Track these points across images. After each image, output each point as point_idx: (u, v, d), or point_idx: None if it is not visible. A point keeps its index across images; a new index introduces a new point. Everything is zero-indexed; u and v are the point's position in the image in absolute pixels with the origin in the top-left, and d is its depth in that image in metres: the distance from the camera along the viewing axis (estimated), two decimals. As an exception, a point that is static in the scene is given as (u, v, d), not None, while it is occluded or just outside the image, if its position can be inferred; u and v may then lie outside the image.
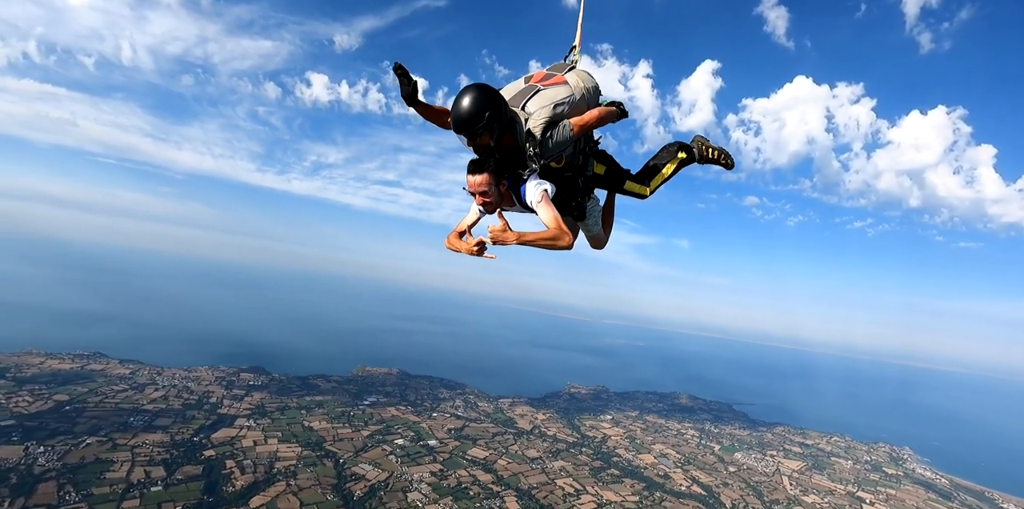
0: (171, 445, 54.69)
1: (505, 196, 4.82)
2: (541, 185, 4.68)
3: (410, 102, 4.65)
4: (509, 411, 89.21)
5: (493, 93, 4.44)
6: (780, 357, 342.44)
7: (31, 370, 70.06)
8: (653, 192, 5.85)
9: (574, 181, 5.34)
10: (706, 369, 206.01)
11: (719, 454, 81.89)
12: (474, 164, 4.56)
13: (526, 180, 4.73)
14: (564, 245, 4.49)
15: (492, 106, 4.34)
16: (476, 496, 55.08)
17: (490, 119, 4.34)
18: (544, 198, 4.62)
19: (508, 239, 4.33)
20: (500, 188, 4.67)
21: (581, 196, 5.52)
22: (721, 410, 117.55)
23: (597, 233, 6.27)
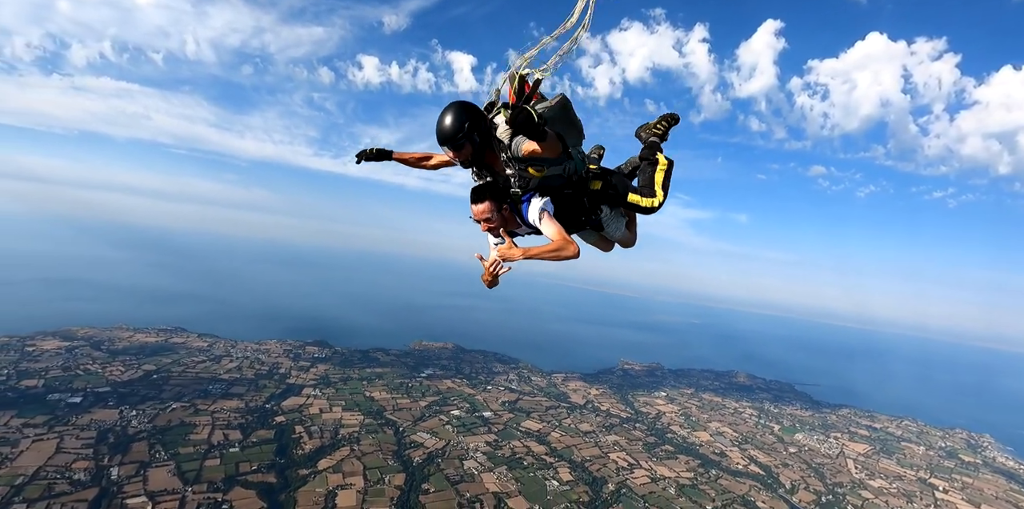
0: (246, 411, 58.69)
1: (509, 219, 5.14)
2: (539, 203, 5.01)
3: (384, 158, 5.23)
4: (562, 386, 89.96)
5: (472, 108, 4.85)
6: (847, 337, 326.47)
7: (122, 343, 76.55)
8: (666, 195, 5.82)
9: (578, 199, 5.58)
10: (765, 348, 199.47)
11: (779, 434, 79.75)
12: (474, 193, 4.94)
13: (525, 201, 5.07)
14: (569, 255, 4.75)
15: (471, 119, 4.75)
16: (530, 466, 56.29)
17: (469, 130, 4.72)
18: (545, 215, 4.96)
19: (515, 255, 4.80)
20: (503, 213, 5.00)
21: (590, 213, 5.76)
22: (781, 390, 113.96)
23: (621, 237, 6.43)
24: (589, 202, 5.70)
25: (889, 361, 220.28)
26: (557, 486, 52.85)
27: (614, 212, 6.01)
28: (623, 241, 6.60)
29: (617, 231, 6.20)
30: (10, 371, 59.70)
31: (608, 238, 6.38)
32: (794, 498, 58.22)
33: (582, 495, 51.79)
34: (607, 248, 6.74)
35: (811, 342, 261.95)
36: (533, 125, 4.33)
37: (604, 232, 6.13)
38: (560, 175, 5.37)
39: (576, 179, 5.57)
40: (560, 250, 4.73)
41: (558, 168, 5.33)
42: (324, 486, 45.93)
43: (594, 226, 6.01)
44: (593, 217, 5.83)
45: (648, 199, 5.77)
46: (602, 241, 6.55)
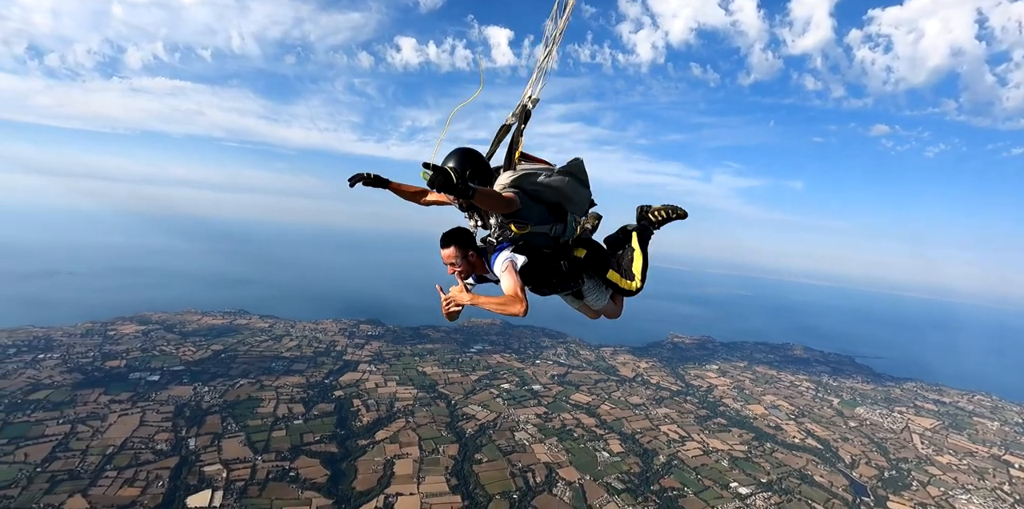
0: (307, 386, 61.80)
1: (478, 265, 5.33)
2: (508, 256, 5.11)
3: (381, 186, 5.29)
4: (611, 359, 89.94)
5: (474, 155, 5.15)
6: (913, 307, 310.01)
7: (191, 325, 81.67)
8: (643, 282, 5.93)
9: (557, 261, 5.61)
10: (822, 319, 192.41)
11: (838, 408, 77.25)
12: (443, 238, 5.19)
13: (497, 251, 5.20)
14: (514, 312, 4.80)
15: (472, 166, 5.05)
16: (580, 438, 57.00)
17: (469, 176, 4.92)
18: (509, 268, 5.02)
19: (462, 300, 5.00)
20: (470, 259, 5.22)
21: (567, 279, 5.75)
22: (841, 363, 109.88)
23: (603, 308, 6.39)
24: (569, 268, 5.71)
25: (961, 333, 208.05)
26: (607, 457, 53.41)
27: (597, 283, 6.02)
28: (606, 312, 6.51)
29: (598, 302, 6.17)
30: (96, 353, 64.92)
31: (591, 307, 6.33)
32: (854, 473, 56.62)
33: (633, 466, 52.18)
34: (591, 315, 6.68)
35: (873, 313, 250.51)
36: (452, 186, 4.24)
37: (584, 300, 6.17)
38: (546, 234, 5.46)
39: (562, 242, 5.64)
40: (506, 305, 4.80)
41: (544, 228, 5.42)
42: (382, 455, 48.14)
43: (574, 293, 6.12)
44: (572, 284, 5.86)
45: (627, 281, 5.92)
46: (585, 308, 6.48)
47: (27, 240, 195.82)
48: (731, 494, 49.01)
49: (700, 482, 50.60)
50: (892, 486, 54.29)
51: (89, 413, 50.14)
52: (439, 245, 5.22)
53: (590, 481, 48.49)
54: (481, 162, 5.22)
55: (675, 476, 51.32)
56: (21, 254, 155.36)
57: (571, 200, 5.50)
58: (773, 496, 49.50)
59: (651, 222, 6.24)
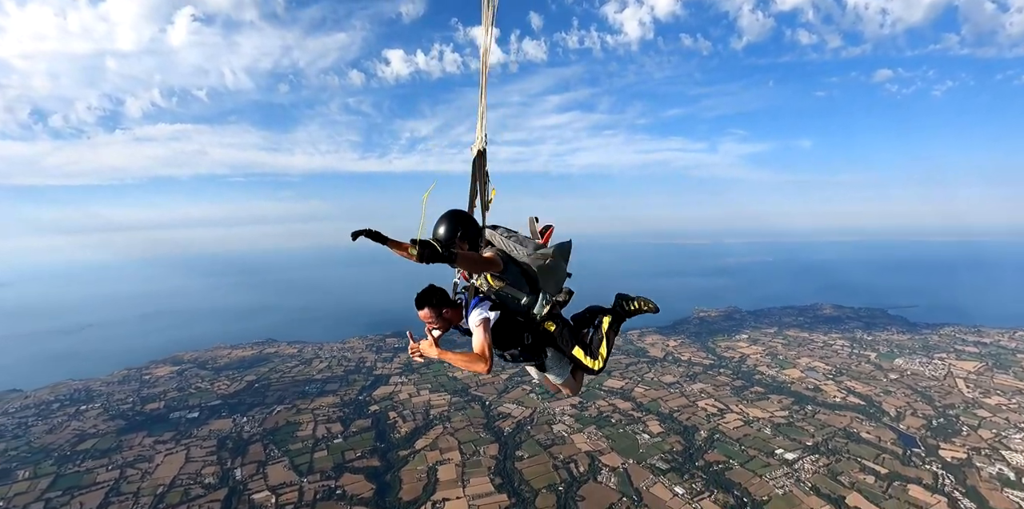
0: (342, 405, 62.53)
1: (453, 319, 5.60)
2: (483, 314, 5.34)
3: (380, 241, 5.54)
4: (639, 341, 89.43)
5: (465, 217, 5.53)
6: (941, 252, 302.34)
7: (223, 360, 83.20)
8: (605, 363, 6.09)
9: (522, 331, 5.82)
10: (848, 276, 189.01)
11: (876, 362, 75.89)
12: (417, 300, 5.49)
13: (473, 304, 5.47)
14: (478, 370, 5.07)
15: (463, 227, 5.45)
16: (618, 423, 56.88)
17: (461, 237, 5.40)
18: (482, 324, 5.27)
19: (430, 354, 5.42)
20: (445, 315, 5.50)
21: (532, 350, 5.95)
22: (873, 316, 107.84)
23: (562, 383, 6.53)
24: (534, 339, 5.94)
25: (993, 271, 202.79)
26: (648, 439, 53.22)
27: (560, 358, 6.13)
28: (565, 387, 6.58)
29: (559, 377, 6.29)
30: (134, 398, 66.46)
31: (553, 380, 6.45)
32: (901, 425, 55.63)
33: (675, 445, 51.91)
34: (552, 388, 6.80)
35: (900, 263, 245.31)
36: (438, 257, 4.80)
37: (546, 373, 6.29)
38: (518, 300, 5.76)
39: (532, 315, 5.90)
40: (471, 363, 5.09)
41: (519, 293, 5.75)
42: (424, 463, 48.55)
43: (537, 365, 6.29)
44: (535, 357, 6.06)
45: (590, 360, 6.05)
46: (546, 380, 6.59)
47: (55, 298, 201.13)
48: (778, 461, 48.49)
49: (745, 453, 50.15)
50: (942, 434, 53.23)
51: (136, 456, 51.35)
52: (415, 306, 5.53)
53: (633, 465, 48.35)
54: (470, 223, 5.56)
55: (719, 449, 50.93)
56: (51, 312, 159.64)
57: (548, 280, 5.86)
58: (821, 458, 48.88)
59: (626, 311, 6.52)
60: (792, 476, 45.90)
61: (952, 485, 44.46)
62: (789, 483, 44.81)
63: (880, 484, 44.57)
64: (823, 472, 46.57)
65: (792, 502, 42.28)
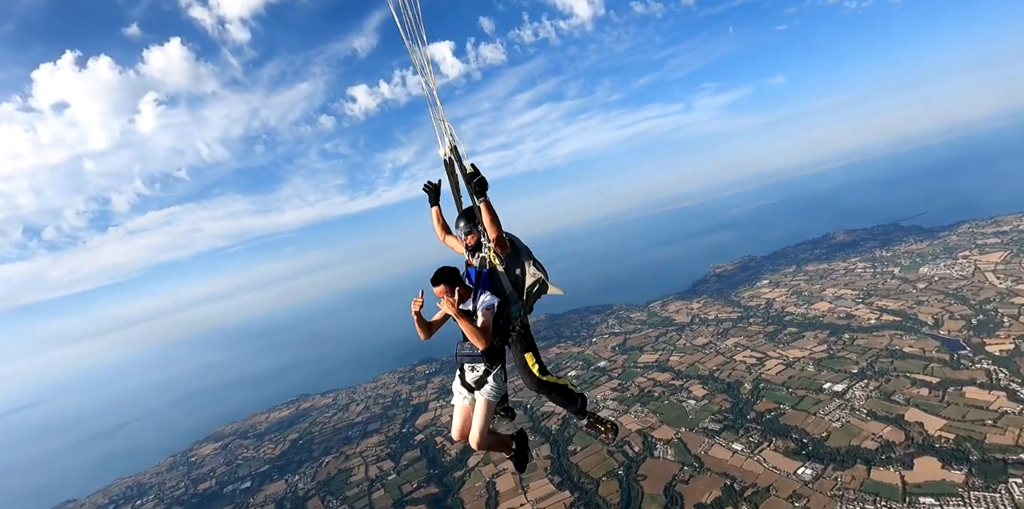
0: (388, 441, 62.12)
1: (464, 296, 5.78)
2: (492, 300, 5.70)
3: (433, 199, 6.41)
4: (662, 311, 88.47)
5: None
6: (939, 153, 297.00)
7: (262, 425, 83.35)
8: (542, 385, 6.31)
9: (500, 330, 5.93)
10: (854, 198, 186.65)
11: (901, 276, 74.32)
12: (434, 277, 5.70)
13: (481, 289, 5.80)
14: (477, 343, 5.44)
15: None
16: (662, 395, 55.99)
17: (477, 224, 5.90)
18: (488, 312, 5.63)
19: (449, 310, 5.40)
20: (458, 292, 5.67)
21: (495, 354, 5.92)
22: (887, 232, 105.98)
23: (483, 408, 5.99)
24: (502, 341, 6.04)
25: (995, 160, 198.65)
26: (694, 404, 52.31)
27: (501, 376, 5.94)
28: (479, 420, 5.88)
29: (486, 394, 5.85)
30: (186, 482, 66.50)
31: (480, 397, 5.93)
32: (941, 331, 54.29)
33: (722, 404, 50.97)
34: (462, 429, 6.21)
35: (901, 174, 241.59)
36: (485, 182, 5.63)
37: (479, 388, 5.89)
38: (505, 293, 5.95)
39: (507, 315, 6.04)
40: (475, 334, 5.38)
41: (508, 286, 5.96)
42: (480, 480, 47.99)
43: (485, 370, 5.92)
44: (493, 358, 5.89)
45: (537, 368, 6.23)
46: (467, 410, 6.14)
47: (89, 403, 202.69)
48: (828, 395, 47.41)
49: (793, 395, 49.11)
50: (984, 330, 51.82)
51: (201, 538, 51.26)
52: (431, 283, 5.73)
53: (686, 432, 47.52)
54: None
55: (767, 398, 49.94)
56: (88, 418, 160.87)
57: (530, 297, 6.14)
58: (870, 382, 47.75)
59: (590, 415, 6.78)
60: (845, 407, 44.84)
61: (1007, 378, 43.24)
62: (844, 414, 43.77)
63: (935, 394, 43.42)
64: (875, 395, 45.47)
65: (852, 432, 41.23)
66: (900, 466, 36.34)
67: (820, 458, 39.30)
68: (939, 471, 35.20)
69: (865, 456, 38.31)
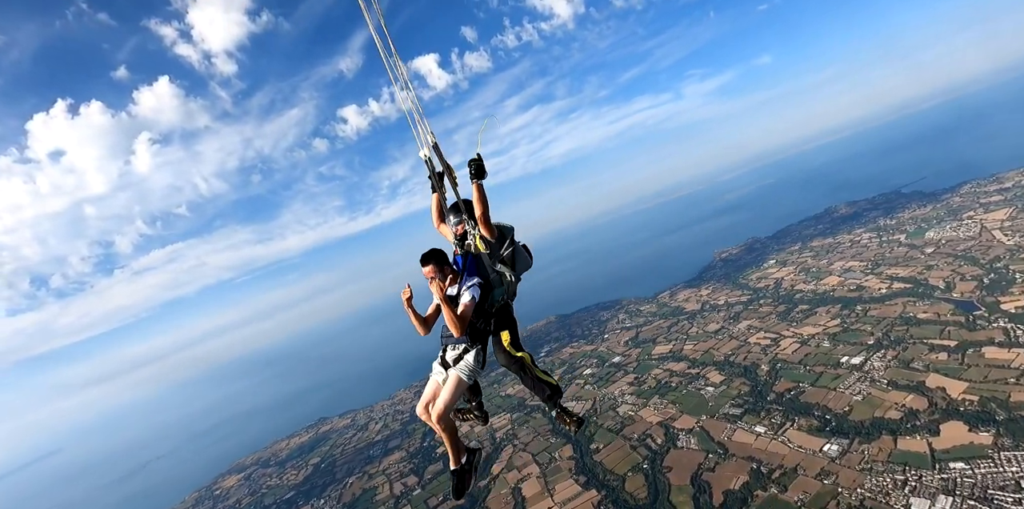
0: (410, 457, 61.72)
1: (451, 281, 5.97)
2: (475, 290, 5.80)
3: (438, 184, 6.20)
4: (672, 301, 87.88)
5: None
6: (932, 117, 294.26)
7: (283, 452, 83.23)
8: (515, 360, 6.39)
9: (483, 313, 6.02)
10: (851, 171, 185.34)
11: (908, 242, 73.53)
12: (423, 257, 5.84)
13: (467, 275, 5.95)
14: (453, 329, 5.54)
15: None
16: (679, 385, 55.36)
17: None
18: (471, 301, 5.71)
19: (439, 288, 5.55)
20: (445, 272, 5.86)
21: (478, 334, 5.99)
22: (889, 201, 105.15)
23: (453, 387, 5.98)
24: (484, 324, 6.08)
25: (990, 118, 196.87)
26: (713, 391, 51.65)
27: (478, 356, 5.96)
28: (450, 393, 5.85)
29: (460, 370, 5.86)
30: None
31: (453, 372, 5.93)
32: (954, 294, 53.45)
33: (740, 388, 50.29)
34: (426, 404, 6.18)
35: (896, 141, 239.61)
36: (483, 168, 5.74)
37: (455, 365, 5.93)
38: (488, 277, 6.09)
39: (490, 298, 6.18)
40: (453, 320, 5.50)
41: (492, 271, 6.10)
42: (506, 487, 47.48)
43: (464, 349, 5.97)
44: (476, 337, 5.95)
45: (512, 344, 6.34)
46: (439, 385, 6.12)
47: (110, 446, 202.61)
48: (846, 369, 46.67)
49: (811, 372, 48.40)
50: (997, 289, 50.90)
51: (233, 570, 50.90)
52: (420, 264, 5.88)
53: (707, 420, 46.88)
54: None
55: (785, 377, 49.24)
56: (110, 461, 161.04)
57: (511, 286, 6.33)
58: (887, 352, 46.98)
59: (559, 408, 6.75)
60: (865, 379, 44.09)
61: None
62: (865, 386, 43.01)
63: (954, 357, 42.61)
64: (894, 365, 44.70)
65: (874, 403, 40.50)
66: (927, 433, 35.63)
67: (845, 433, 38.61)
68: (966, 435, 34.46)
69: (890, 427, 37.60)
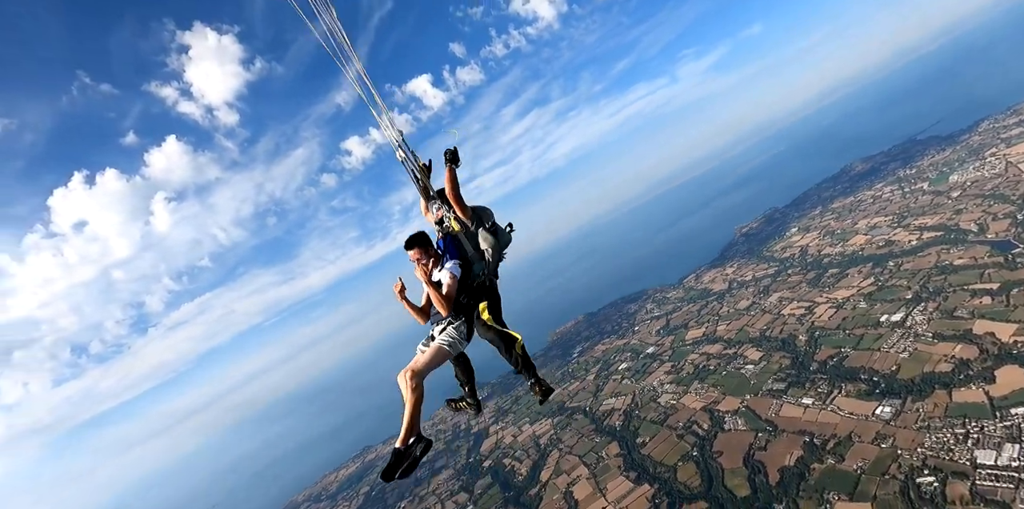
0: (457, 474, 61.26)
1: (435, 263, 6.26)
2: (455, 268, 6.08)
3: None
4: (698, 284, 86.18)
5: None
6: (936, 59, 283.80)
7: (334, 485, 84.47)
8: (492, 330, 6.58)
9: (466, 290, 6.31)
10: (861, 126, 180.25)
11: (932, 189, 70.78)
12: (407, 242, 6.21)
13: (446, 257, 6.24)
14: (440, 308, 5.89)
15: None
16: (718, 367, 53.85)
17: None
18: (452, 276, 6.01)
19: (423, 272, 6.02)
20: (430, 253, 6.21)
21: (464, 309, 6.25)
22: (905, 150, 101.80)
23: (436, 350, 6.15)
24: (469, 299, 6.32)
25: (993, 51, 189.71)
26: (753, 368, 50.12)
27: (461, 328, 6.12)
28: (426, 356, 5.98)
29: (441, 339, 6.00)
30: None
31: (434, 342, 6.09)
32: (988, 235, 51.06)
33: (781, 362, 48.68)
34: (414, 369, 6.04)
35: (901, 89, 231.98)
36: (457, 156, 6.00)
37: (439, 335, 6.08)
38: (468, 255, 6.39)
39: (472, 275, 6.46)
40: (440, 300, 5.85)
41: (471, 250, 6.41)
42: (557, 492, 46.70)
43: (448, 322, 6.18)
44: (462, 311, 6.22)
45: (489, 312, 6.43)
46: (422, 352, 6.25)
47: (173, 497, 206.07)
48: (887, 327, 44.80)
49: (851, 336, 46.61)
50: (1034, 222, 48.48)
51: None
52: (404, 248, 6.22)
53: (752, 399, 45.41)
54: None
55: (825, 345, 47.54)
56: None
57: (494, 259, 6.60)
58: (928, 304, 45.02)
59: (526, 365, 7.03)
60: (908, 335, 42.23)
61: (1072, 264, 40.07)
62: (909, 343, 41.19)
63: (999, 300, 40.53)
64: (937, 316, 42.77)
65: (922, 358, 38.68)
66: (982, 382, 33.79)
67: (896, 393, 36.90)
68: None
69: (942, 380, 35.82)
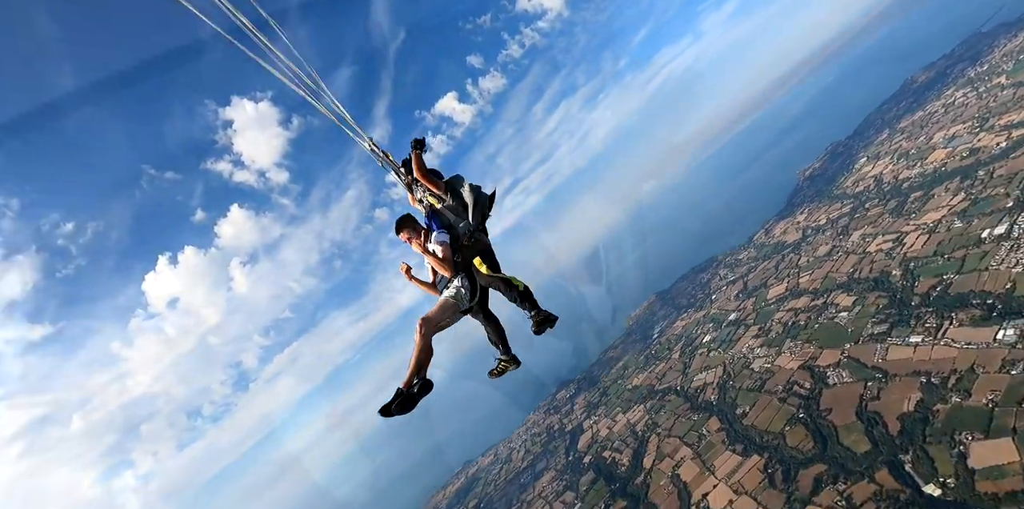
0: (560, 474, 61.36)
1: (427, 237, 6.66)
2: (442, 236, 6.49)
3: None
4: (768, 239, 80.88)
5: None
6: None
7: (443, 502, 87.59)
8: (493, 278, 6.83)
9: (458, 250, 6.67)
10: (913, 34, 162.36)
11: (1012, 82, 62.30)
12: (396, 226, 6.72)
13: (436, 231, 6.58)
14: (443, 271, 6.33)
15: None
16: (808, 322, 49.73)
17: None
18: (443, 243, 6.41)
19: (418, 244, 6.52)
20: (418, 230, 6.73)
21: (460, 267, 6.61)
22: (970, 47, 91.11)
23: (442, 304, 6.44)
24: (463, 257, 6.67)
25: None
26: (846, 316, 45.93)
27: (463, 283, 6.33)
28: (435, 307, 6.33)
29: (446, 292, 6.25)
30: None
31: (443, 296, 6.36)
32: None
33: (878, 303, 44.23)
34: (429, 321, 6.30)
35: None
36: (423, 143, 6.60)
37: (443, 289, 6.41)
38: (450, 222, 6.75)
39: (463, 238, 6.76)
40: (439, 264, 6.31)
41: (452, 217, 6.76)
42: (663, 477, 44.87)
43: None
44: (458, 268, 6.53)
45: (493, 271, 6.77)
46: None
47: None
48: (991, 243, 39.54)
49: (951, 260, 41.63)
50: None
51: None
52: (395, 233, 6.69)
53: (853, 347, 41.49)
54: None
55: (924, 275, 42.70)
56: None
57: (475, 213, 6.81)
58: (1037, 206, 39.30)
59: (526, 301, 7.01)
60: (1017, 247, 37.02)
61: None
62: (1020, 255, 36.02)
63: (1121, 185, 34.65)
64: (1049, 218, 37.22)
65: (1040, 270, 33.66)
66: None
67: (1017, 312, 32.26)
68: None
69: (1070, 288, 30.95)
